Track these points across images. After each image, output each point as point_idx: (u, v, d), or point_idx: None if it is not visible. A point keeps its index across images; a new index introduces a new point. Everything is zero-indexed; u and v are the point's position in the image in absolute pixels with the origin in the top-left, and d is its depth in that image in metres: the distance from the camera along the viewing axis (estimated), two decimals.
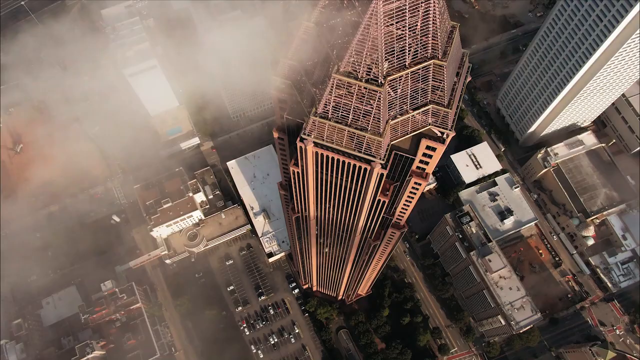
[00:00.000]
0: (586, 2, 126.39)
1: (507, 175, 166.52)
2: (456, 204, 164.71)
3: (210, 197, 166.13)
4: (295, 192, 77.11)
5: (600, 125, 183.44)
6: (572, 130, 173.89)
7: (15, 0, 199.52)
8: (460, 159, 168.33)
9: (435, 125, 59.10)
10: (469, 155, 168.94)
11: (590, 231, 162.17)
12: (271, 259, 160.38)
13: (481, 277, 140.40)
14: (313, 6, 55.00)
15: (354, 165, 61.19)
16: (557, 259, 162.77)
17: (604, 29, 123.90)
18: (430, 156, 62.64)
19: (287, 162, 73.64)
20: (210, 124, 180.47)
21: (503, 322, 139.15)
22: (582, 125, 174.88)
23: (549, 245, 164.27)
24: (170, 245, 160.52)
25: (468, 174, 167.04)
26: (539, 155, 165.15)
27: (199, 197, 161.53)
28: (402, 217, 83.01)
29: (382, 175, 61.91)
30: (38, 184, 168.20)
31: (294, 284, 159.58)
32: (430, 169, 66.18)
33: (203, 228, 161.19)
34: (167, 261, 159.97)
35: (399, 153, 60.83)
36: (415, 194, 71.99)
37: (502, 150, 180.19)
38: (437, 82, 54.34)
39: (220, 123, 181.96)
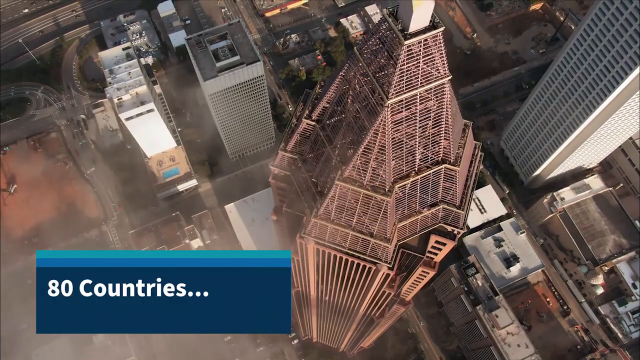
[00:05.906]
0: (593, 52, 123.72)
1: (512, 220, 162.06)
2: (461, 250, 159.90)
3: (208, 242, 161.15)
4: (295, 274, 72.80)
5: (606, 166, 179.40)
6: (578, 173, 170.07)
7: (12, 37, 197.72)
8: None
9: (445, 223, 55.18)
10: (474, 199, 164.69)
11: (599, 279, 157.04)
12: None
13: (488, 333, 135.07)
14: (313, 102, 51.45)
15: (358, 264, 57.00)
16: (565, 307, 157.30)
17: (612, 80, 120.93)
18: (440, 249, 58.71)
19: (286, 244, 69.36)
20: (208, 166, 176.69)
21: None
22: (588, 167, 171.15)
23: (556, 293, 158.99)
24: None
25: (472, 218, 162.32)
26: (545, 200, 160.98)
27: (196, 243, 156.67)
28: (408, 295, 78.55)
29: (388, 275, 57.71)
30: (31, 226, 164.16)
31: (293, 334, 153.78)
32: (439, 259, 62.15)
33: None
34: None
35: (407, 251, 56.73)
36: (422, 280, 67.71)
37: (507, 192, 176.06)
38: (448, 184, 50.46)
39: (219, 164, 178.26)
